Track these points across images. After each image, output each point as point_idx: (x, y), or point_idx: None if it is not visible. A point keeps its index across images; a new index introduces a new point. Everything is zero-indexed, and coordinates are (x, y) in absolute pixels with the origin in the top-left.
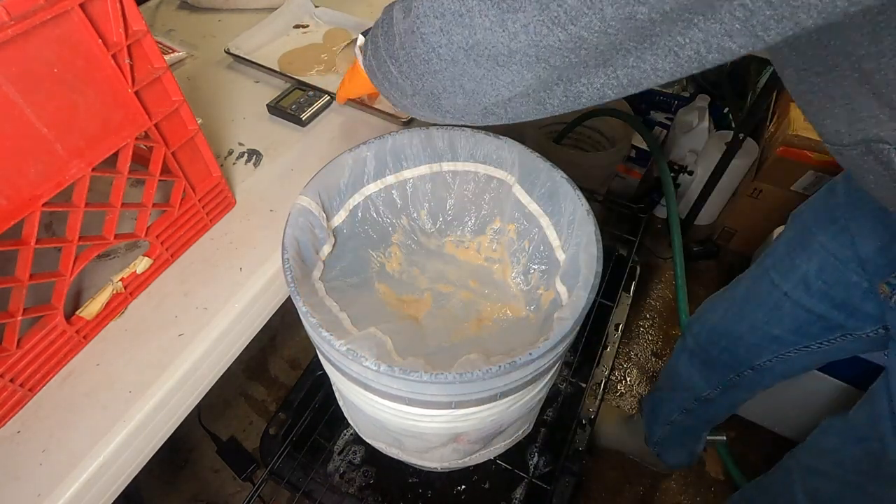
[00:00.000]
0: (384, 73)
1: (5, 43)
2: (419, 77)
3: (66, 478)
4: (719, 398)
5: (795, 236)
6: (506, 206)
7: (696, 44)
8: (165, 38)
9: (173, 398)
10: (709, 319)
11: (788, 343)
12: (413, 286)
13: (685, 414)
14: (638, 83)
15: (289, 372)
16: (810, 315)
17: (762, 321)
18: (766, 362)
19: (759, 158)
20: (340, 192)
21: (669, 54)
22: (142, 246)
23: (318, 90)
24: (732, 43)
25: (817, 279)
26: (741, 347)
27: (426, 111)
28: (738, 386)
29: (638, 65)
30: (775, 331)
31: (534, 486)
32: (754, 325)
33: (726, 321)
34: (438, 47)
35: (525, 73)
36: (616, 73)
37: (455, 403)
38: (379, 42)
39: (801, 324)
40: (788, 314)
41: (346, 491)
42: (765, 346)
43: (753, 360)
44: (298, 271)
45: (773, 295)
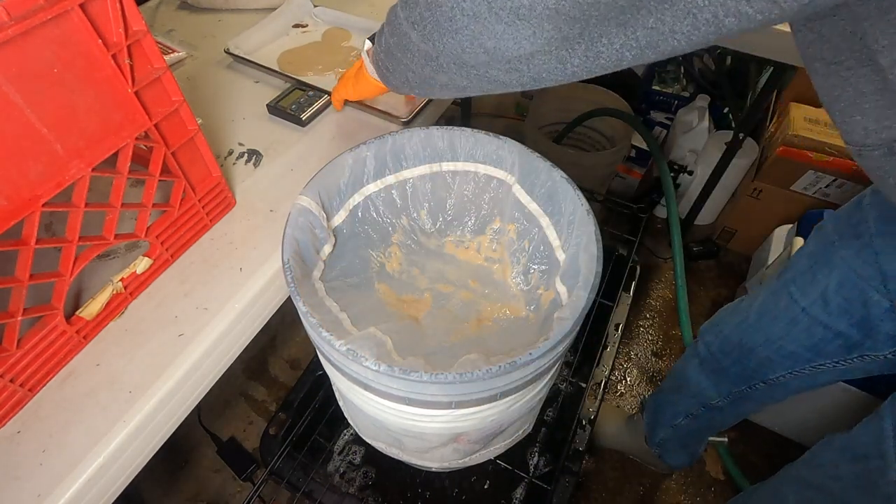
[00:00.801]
0: (403, 47)
1: (5, 43)
2: (442, 37)
3: (67, 478)
4: (728, 407)
5: (817, 250)
6: (506, 206)
7: (715, 6)
8: (165, 38)
9: (173, 398)
10: (723, 329)
11: (803, 360)
12: (413, 286)
13: (690, 419)
14: (656, 46)
15: (289, 372)
16: (827, 332)
17: (777, 336)
18: (780, 377)
19: (759, 158)
20: (340, 192)
21: (688, 16)
22: (142, 246)
23: (318, 90)
24: (749, 7)
25: (837, 295)
26: (754, 360)
27: (451, 70)
28: (749, 398)
29: (657, 26)
30: (790, 346)
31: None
32: (769, 338)
33: (740, 333)
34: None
35: (545, 26)
36: (636, 33)
37: (455, 403)
38: (399, 14)
39: (818, 341)
40: (805, 330)
41: (346, 491)
42: (778, 362)
43: (766, 375)
44: (298, 271)
45: (791, 310)
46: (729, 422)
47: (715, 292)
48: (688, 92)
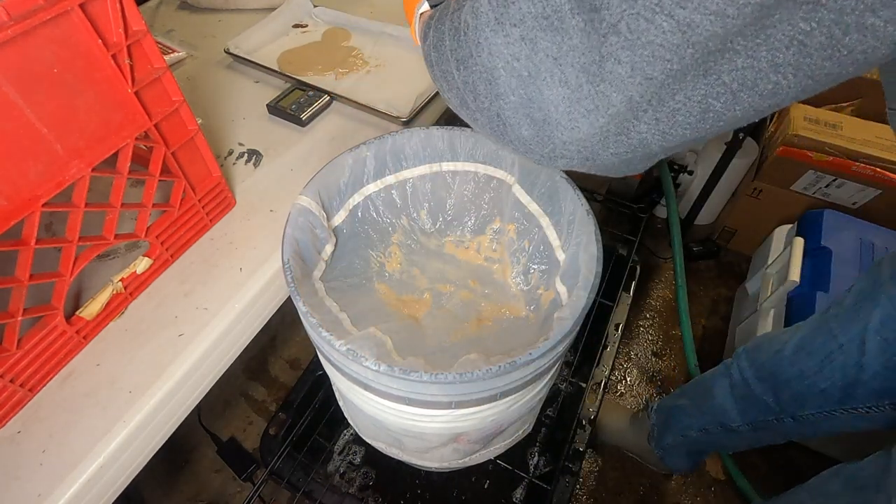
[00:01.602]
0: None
1: (5, 43)
2: (485, 96)
3: (67, 478)
4: (747, 434)
5: (867, 287)
6: (506, 206)
7: (828, 26)
8: (165, 38)
9: (173, 398)
10: (759, 357)
11: (834, 400)
12: (413, 286)
13: (703, 433)
14: (753, 85)
15: (289, 372)
16: (861, 373)
17: (812, 371)
18: (810, 415)
19: (759, 158)
20: (340, 191)
21: (792, 44)
22: (142, 246)
23: (318, 90)
24: (877, 18)
25: (876, 334)
26: (786, 394)
27: (487, 133)
28: (773, 430)
29: (751, 64)
30: (822, 384)
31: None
32: (803, 372)
33: (776, 363)
34: (513, 61)
35: (613, 96)
36: (721, 78)
37: (455, 403)
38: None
39: (850, 382)
40: (839, 369)
41: (347, 491)
42: (810, 399)
43: (797, 411)
44: (298, 271)
45: (828, 345)
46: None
47: (715, 292)
48: None
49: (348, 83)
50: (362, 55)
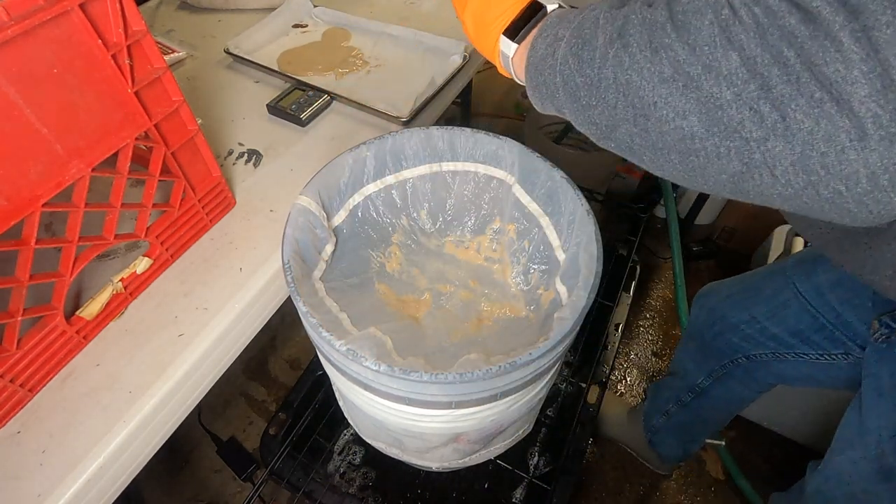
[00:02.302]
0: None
1: (5, 43)
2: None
3: (67, 478)
4: (712, 389)
5: None
6: (506, 206)
7: None
8: (165, 38)
9: (173, 398)
10: (708, 302)
11: (785, 345)
12: (413, 286)
13: (680, 406)
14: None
15: (289, 372)
16: (815, 322)
17: (764, 316)
18: (762, 355)
19: None
20: (340, 191)
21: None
22: (142, 246)
23: (318, 90)
24: None
25: (830, 292)
26: (736, 336)
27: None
28: (731, 376)
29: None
30: (774, 329)
31: (534, 486)
32: (754, 316)
33: (726, 306)
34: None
35: None
36: None
37: (455, 403)
38: (628, 33)
39: (804, 328)
40: (793, 314)
41: (347, 491)
42: (761, 342)
43: (748, 350)
44: (298, 271)
45: (784, 293)
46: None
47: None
48: None
49: (348, 83)
50: (362, 55)
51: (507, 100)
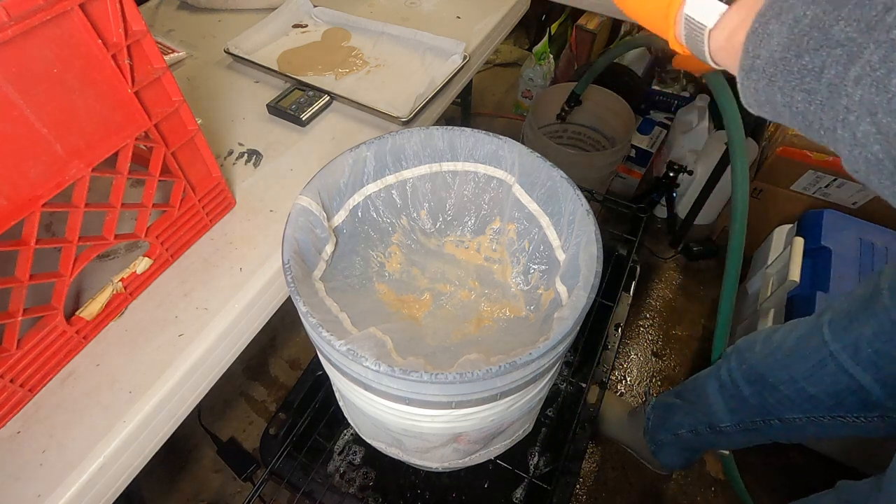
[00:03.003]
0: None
1: (5, 43)
2: None
3: (67, 478)
4: (735, 435)
5: (864, 295)
6: (506, 206)
7: None
8: (165, 39)
9: (173, 398)
10: (749, 358)
11: (823, 407)
12: (413, 286)
13: (693, 434)
14: None
15: (289, 372)
16: (852, 382)
17: (802, 376)
18: (797, 419)
19: (759, 158)
20: (340, 191)
21: None
22: (142, 246)
23: (318, 90)
24: None
25: (868, 346)
26: (775, 397)
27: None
28: (760, 431)
29: None
30: (812, 389)
31: (534, 486)
32: (793, 377)
33: (766, 366)
34: None
35: None
36: None
37: (455, 403)
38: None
39: (841, 390)
40: (830, 376)
41: (347, 491)
42: (798, 404)
43: (784, 413)
44: (298, 271)
45: (820, 352)
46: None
47: (715, 292)
48: (688, 92)
49: (348, 83)
50: (362, 55)
51: (507, 100)
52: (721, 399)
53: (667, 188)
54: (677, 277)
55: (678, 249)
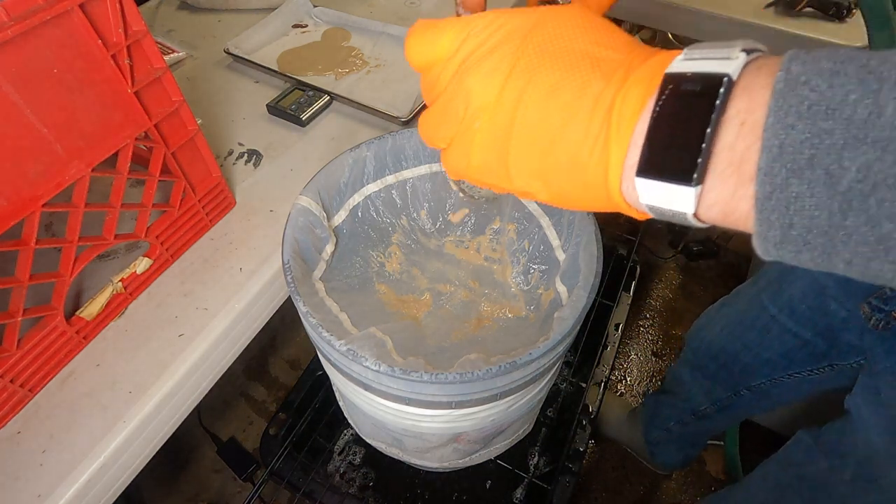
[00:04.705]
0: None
1: (5, 43)
2: None
3: (67, 478)
4: (716, 416)
5: None
6: (505, 206)
7: None
8: (165, 39)
9: (173, 398)
10: (706, 335)
11: (779, 367)
12: (413, 286)
13: (681, 425)
14: None
15: (289, 372)
16: (797, 340)
17: (754, 342)
18: (762, 384)
19: None
20: (340, 191)
21: None
22: (142, 246)
23: (318, 90)
24: None
25: (801, 303)
26: (737, 366)
27: None
28: (736, 406)
29: None
30: (766, 353)
31: (534, 485)
32: (747, 345)
33: (723, 338)
34: None
35: None
36: None
37: (455, 403)
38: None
39: (789, 348)
40: (777, 338)
41: (347, 491)
42: (757, 369)
43: (749, 381)
44: (298, 271)
45: (763, 317)
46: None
47: (715, 292)
48: None
49: (348, 83)
50: (362, 55)
51: None
52: (695, 382)
53: None
54: (677, 277)
55: (678, 249)
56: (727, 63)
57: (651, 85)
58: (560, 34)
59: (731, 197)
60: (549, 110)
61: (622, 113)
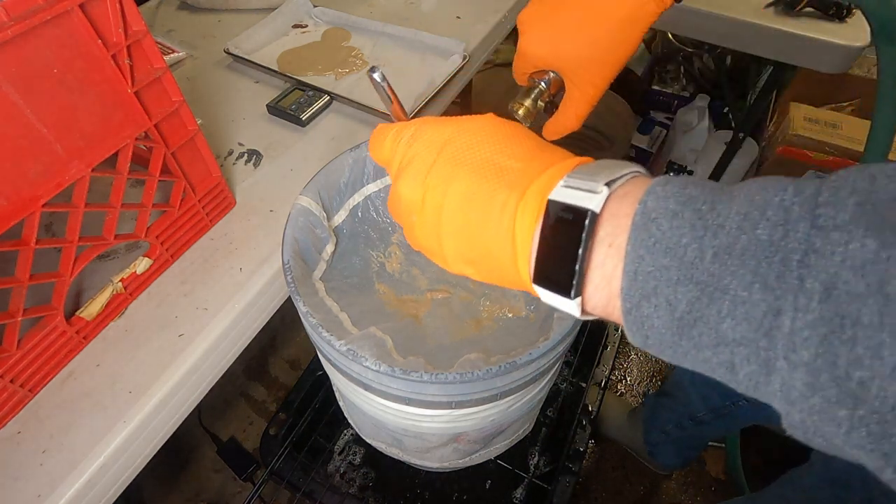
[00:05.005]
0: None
1: (5, 43)
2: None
3: (67, 478)
4: (714, 422)
5: None
6: None
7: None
8: (165, 39)
9: (173, 398)
10: None
11: None
12: (413, 286)
13: (679, 429)
14: None
15: (289, 372)
16: None
17: None
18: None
19: (759, 158)
20: (340, 191)
21: None
22: (142, 246)
23: (318, 90)
24: None
25: None
26: None
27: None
28: (733, 415)
29: None
30: None
31: (534, 485)
32: None
33: None
34: None
35: None
36: None
37: (455, 403)
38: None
39: None
40: None
41: (347, 491)
42: None
43: None
44: (298, 271)
45: None
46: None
47: None
48: (688, 92)
49: (348, 83)
50: (362, 55)
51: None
52: (694, 388)
53: None
54: None
55: None
56: (592, 198)
57: (541, 203)
58: (470, 145)
59: (606, 305)
60: (467, 213)
61: (522, 225)
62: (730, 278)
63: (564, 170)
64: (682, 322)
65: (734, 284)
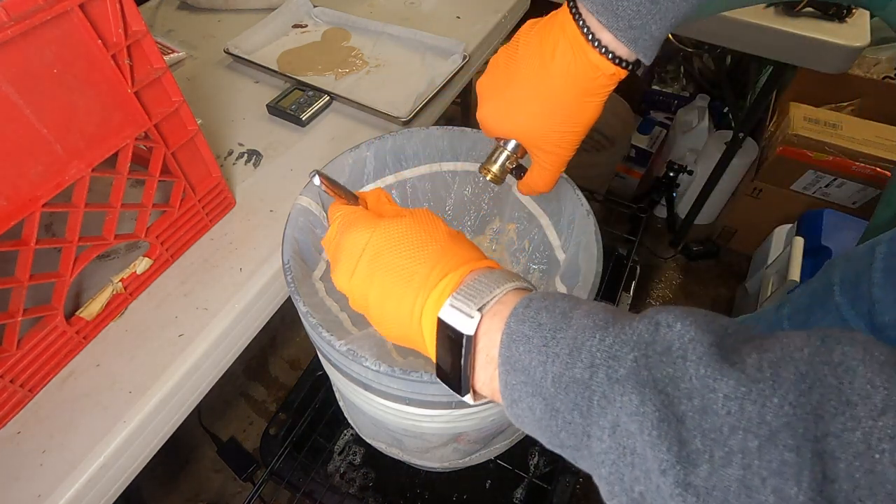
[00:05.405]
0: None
1: (5, 43)
2: None
3: (67, 478)
4: None
5: (818, 289)
6: (505, 206)
7: None
8: (165, 39)
9: (173, 398)
10: None
11: None
12: None
13: None
14: None
15: (289, 372)
16: None
17: None
18: None
19: (759, 158)
20: None
21: None
22: (142, 246)
23: (318, 90)
24: None
25: None
26: None
27: None
28: None
29: None
30: None
31: (534, 485)
32: None
33: None
34: None
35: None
36: None
37: (455, 403)
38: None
39: None
40: None
41: (347, 491)
42: None
43: None
44: (298, 271)
45: None
46: None
47: (715, 292)
48: (688, 92)
49: (348, 83)
50: (362, 55)
51: None
52: None
53: (667, 188)
54: (677, 277)
55: (678, 249)
56: (468, 322)
57: (435, 318)
58: (383, 250)
59: (492, 397)
60: (384, 307)
61: (425, 326)
62: (561, 402)
63: (453, 286)
64: (540, 424)
65: (563, 408)
